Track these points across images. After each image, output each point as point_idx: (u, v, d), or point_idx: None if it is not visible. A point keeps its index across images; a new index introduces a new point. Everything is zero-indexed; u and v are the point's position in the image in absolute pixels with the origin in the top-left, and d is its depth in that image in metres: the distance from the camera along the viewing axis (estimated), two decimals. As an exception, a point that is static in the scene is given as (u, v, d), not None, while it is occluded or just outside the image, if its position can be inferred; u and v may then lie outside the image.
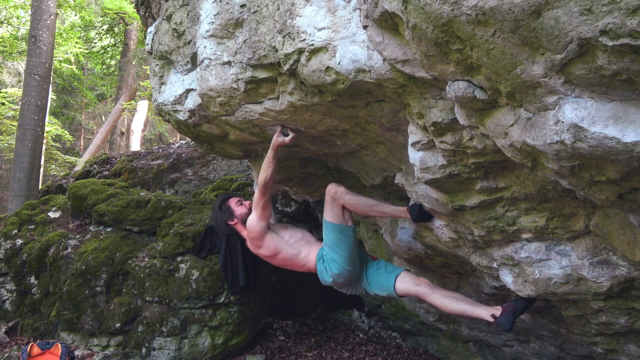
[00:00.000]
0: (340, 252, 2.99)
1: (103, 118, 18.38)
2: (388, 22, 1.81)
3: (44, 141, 10.00)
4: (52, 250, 5.11)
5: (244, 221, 3.25)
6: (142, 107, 14.83)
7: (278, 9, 2.29)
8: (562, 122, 1.49)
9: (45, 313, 4.94)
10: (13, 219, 5.76)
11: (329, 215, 3.02)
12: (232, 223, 3.31)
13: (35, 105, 8.02)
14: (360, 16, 2.04)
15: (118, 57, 17.08)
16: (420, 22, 1.56)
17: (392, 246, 3.70)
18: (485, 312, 2.77)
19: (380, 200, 3.17)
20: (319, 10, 2.15)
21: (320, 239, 3.18)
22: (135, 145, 14.71)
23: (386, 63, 2.02)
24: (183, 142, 9.48)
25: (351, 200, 2.97)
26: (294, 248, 3.20)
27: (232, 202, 3.35)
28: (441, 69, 1.75)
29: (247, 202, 3.36)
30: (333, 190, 2.98)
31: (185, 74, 3.22)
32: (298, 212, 5.88)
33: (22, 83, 11.80)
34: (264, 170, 3.07)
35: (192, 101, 3.18)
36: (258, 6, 2.42)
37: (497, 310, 2.73)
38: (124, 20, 15.30)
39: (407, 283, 3.03)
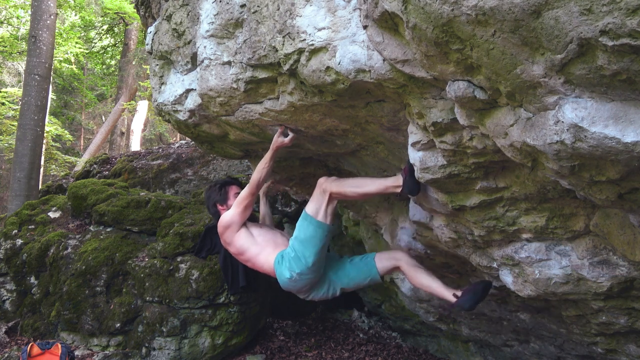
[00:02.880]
0: (310, 249, 2.87)
1: (103, 118, 18.38)
2: (388, 22, 1.81)
3: (44, 141, 10.00)
4: (52, 250, 5.11)
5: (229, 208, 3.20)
6: (142, 107, 14.83)
7: (278, 9, 2.29)
8: (562, 122, 1.49)
9: (45, 313, 4.94)
10: (13, 219, 5.76)
11: (311, 207, 2.92)
12: (221, 208, 3.26)
13: (35, 105, 8.02)
14: (360, 16, 2.04)
15: (118, 57, 17.09)
16: (420, 22, 1.56)
17: (392, 246, 3.70)
18: (448, 293, 2.81)
19: (365, 179, 3.00)
20: (319, 10, 2.15)
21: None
22: (135, 145, 14.71)
23: (386, 63, 2.02)
24: (183, 142, 9.48)
25: (338, 185, 2.87)
26: (259, 246, 3.10)
27: (232, 190, 3.31)
28: (441, 69, 1.75)
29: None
30: (323, 181, 2.92)
31: (185, 74, 3.22)
32: (298, 212, 5.87)
33: (22, 83, 11.80)
34: (259, 170, 3.03)
35: (192, 101, 3.18)
36: (258, 6, 2.42)
37: (459, 292, 2.78)
38: (124, 20, 15.30)
39: (384, 260, 3.04)
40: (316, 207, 2.91)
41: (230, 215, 3.10)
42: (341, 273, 3.07)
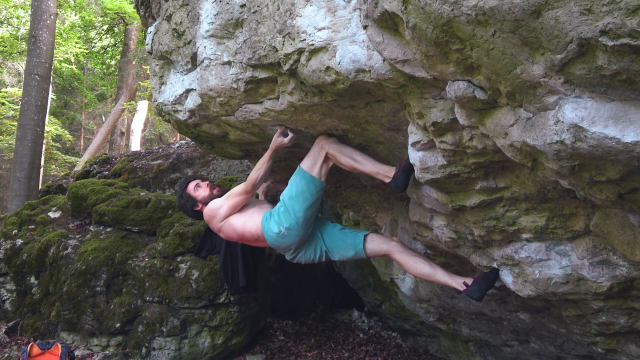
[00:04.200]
0: (300, 203, 2.85)
1: (103, 118, 18.39)
2: (388, 22, 1.81)
3: (44, 141, 10.01)
4: (52, 250, 5.11)
5: (207, 203, 3.16)
6: (142, 107, 14.83)
7: (278, 9, 2.29)
8: (562, 122, 1.49)
9: (45, 313, 4.94)
10: (13, 219, 5.76)
11: (306, 163, 2.91)
12: (198, 209, 3.22)
13: (35, 105, 8.03)
14: (360, 16, 2.04)
15: (118, 57, 17.08)
16: (420, 22, 1.56)
17: (392, 246, 3.70)
18: (457, 281, 2.76)
19: (364, 156, 2.93)
20: (319, 10, 2.15)
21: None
22: (135, 145, 14.71)
23: (386, 63, 2.02)
24: (183, 142, 9.48)
25: (335, 149, 2.85)
26: (244, 215, 3.08)
27: (191, 189, 3.24)
28: (441, 69, 1.75)
29: (204, 184, 3.26)
30: (322, 139, 2.90)
31: (185, 74, 3.22)
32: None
33: (22, 83, 11.80)
34: (257, 170, 3.01)
35: (192, 101, 3.18)
36: (258, 6, 2.42)
37: (469, 280, 2.72)
38: (124, 20, 15.30)
39: (376, 242, 2.97)
40: (311, 163, 2.90)
41: (217, 205, 3.07)
42: (328, 238, 3.03)
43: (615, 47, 1.23)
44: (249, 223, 3.06)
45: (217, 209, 3.08)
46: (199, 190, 3.22)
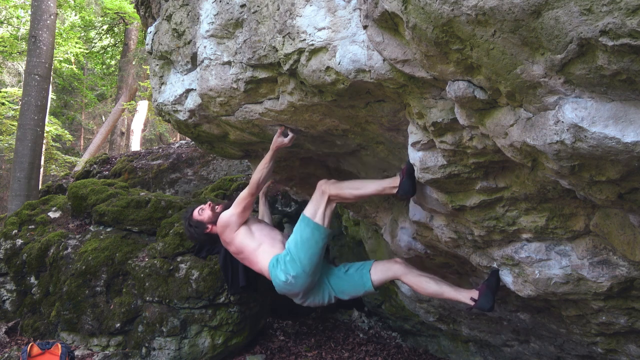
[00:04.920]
0: (306, 252, 2.86)
1: (103, 118, 18.39)
2: (388, 22, 1.81)
3: (44, 141, 10.00)
4: (52, 250, 5.11)
5: (215, 222, 3.18)
6: (142, 107, 14.83)
7: (278, 9, 2.29)
8: (562, 122, 1.49)
9: (45, 313, 4.93)
10: (13, 219, 5.76)
11: (309, 209, 2.93)
12: (208, 230, 3.23)
13: (35, 105, 8.02)
14: (360, 16, 2.04)
15: (118, 57, 17.08)
16: (420, 22, 1.56)
17: (392, 246, 3.70)
18: (465, 295, 2.77)
19: (363, 181, 2.99)
20: (319, 10, 2.15)
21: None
22: (135, 145, 14.71)
23: (386, 63, 2.02)
24: (183, 142, 9.48)
25: (336, 188, 2.88)
26: (256, 241, 3.09)
27: (196, 215, 3.28)
28: (441, 69, 1.75)
29: (205, 205, 3.30)
30: (323, 183, 2.93)
31: (185, 74, 3.22)
32: (298, 212, 5.87)
33: (22, 83, 11.80)
34: (259, 171, 3.02)
35: (192, 101, 3.18)
36: (258, 6, 2.42)
37: (475, 293, 2.73)
38: (124, 20, 15.30)
39: (380, 272, 2.98)
40: (314, 209, 2.92)
41: (228, 215, 3.09)
42: (335, 283, 3.04)
43: (615, 47, 1.23)
44: (258, 254, 3.07)
45: (229, 217, 3.09)
46: (203, 213, 3.26)
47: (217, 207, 3.27)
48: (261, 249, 3.07)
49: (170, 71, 3.40)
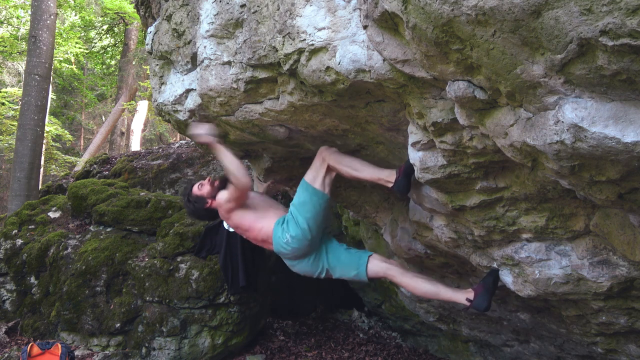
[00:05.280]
0: (304, 214, 2.90)
1: (103, 118, 18.38)
2: (388, 22, 1.81)
3: (44, 141, 10.00)
4: (52, 250, 5.11)
5: (214, 196, 3.18)
6: (142, 107, 14.82)
7: (278, 9, 2.29)
8: (562, 122, 1.49)
9: (45, 313, 4.93)
10: (13, 219, 5.76)
11: (309, 175, 2.98)
12: (208, 205, 3.22)
13: (35, 105, 8.02)
14: (360, 16, 2.04)
15: (118, 57, 17.08)
16: (420, 22, 1.56)
17: (392, 246, 3.70)
18: (460, 296, 2.77)
19: (364, 163, 2.96)
20: (319, 10, 2.15)
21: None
22: (135, 145, 14.70)
23: (386, 63, 2.02)
24: (183, 142, 9.47)
25: (335, 160, 2.90)
26: (259, 211, 3.12)
27: (196, 191, 3.27)
28: (441, 69, 1.75)
29: (205, 180, 3.29)
30: (324, 149, 2.95)
31: (185, 74, 3.22)
32: (298, 212, 5.85)
33: (22, 83, 11.80)
34: (244, 176, 2.94)
35: (192, 101, 3.18)
36: (258, 6, 2.42)
37: (470, 293, 2.73)
38: (124, 20, 15.30)
39: (377, 265, 2.99)
40: (313, 175, 2.96)
41: (225, 200, 3.08)
42: (333, 255, 3.06)
43: (615, 47, 1.23)
44: (262, 222, 3.08)
45: (224, 202, 3.09)
46: (202, 188, 3.24)
47: (216, 182, 3.26)
48: (265, 217, 3.09)
49: (170, 71, 3.40)
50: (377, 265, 2.98)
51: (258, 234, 3.11)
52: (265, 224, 3.07)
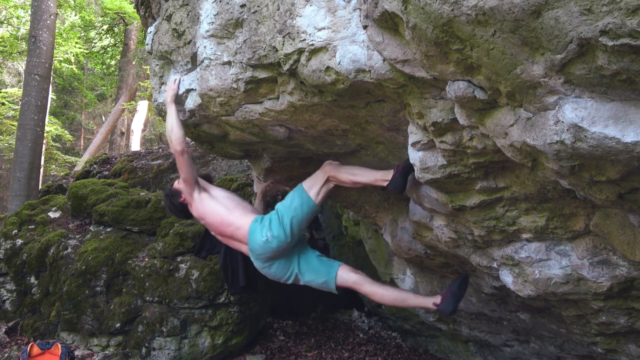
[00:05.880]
0: (291, 217, 2.97)
1: (103, 118, 18.38)
2: (388, 22, 1.81)
3: (44, 141, 10.00)
4: (52, 250, 5.11)
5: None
6: (142, 107, 14.82)
7: (278, 9, 2.29)
8: (562, 122, 1.49)
9: (45, 313, 4.93)
10: (13, 219, 5.76)
11: (308, 182, 3.06)
12: (182, 200, 3.29)
13: (35, 105, 8.02)
14: (360, 16, 2.04)
15: (118, 57, 17.08)
16: (420, 22, 1.56)
17: (392, 246, 3.70)
18: (428, 301, 2.96)
19: (362, 169, 3.03)
20: (319, 10, 2.15)
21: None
22: (135, 145, 14.70)
23: (386, 63, 2.02)
24: (183, 142, 9.45)
25: (336, 169, 2.99)
26: (226, 207, 3.17)
27: (175, 184, 3.37)
28: (441, 69, 1.75)
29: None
30: (327, 163, 3.04)
31: (185, 74, 3.22)
32: (298, 212, 5.85)
33: (22, 83, 11.80)
34: (175, 133, 3.08)
35: (192, 101, 3.18)
36: (258, 6, 2.42)
37: (437, 299, 2.91)
38: (124, 20, 15.30)
39: (345, 274, 3.09)
40: (311, 184, 3.04)
41: (180, 182, 3.25)
42: (305, 261, 3.12)
43: (615, 47, 1.23)
44: (233, 217, 3.13)
45: (180, 184, 3.23)
46: (180, 182, 3.31)
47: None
48: (236, 211, 3.15)
49: (170, 71, 3.40)
50: (347, 274, 3.07)
51: (227, 228, 3.14)
52: (238, 220, 3.10)
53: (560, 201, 2.24)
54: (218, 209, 3.15)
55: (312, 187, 3.02)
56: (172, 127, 3.10)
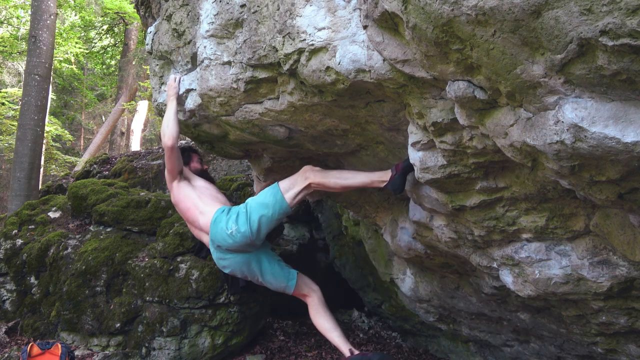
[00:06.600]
0: (259, 214, 2.94)
1: (103, 118, 18.38)
2: (388, 22, 1.81)
3: (44, 141, 10.00)
4: (52, 250, 5.10)
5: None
6: (142, 107, 14.83)
7: (278, 9, 2.29)
8: (562, 122, 1.50)
9: (45, 313, 4.93)
10: (13, 219, 5.76)
11: (285, 183, 3.01)
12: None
13: (35, 105, 8.02)
14: (360, 16, 2.04)
15: (118, 57, 17.08)
16: (420, 22, 1.56)
17: (392, 246, 3.70)
18: (343, 347, 3.13)
19: (353, 172, 2.96)
20: (319, 10, 2.15)
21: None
22: (135, 145, 14.71)
23: (386, 63, 2.02)
24: (183, 142, 9.47)
25: (321, 177, 2.91)
26: (199, 194, 3.25)
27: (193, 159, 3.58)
28: (441, 69, 1.75)
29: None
30: (309, 169, 3.00)
31: (185, 74, 3.22)
32: (298, 212, 5.87)
33: (22, 83, 11.80)
34: (167, 131, 3.16)
35: (192, 101, 3.18)
36: (258, 6, 2.42)
37: (356, 350, 3.08)
38: (124, 20, 15.30)
39: (303, 282, 3.18)
40: (289, 186, 2.98)
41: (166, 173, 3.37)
42: (267, 262, 3.15)
43: (615, 47, 1.23)
44: (202, 204, 3.20)
45: (166, 175, 3.37)
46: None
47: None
48: (205, 198, 3.23)
49: (170, 71, 3.40)
50: (304, 283, 3.20)
51: (192, 213, 3.24)
52: (204, 206, 3.18)
53: (560, 201, 2.24)
54: (190, 194, 3.22)
55: (290, 190, 2.94)
56: (169, 123, 3.13)
